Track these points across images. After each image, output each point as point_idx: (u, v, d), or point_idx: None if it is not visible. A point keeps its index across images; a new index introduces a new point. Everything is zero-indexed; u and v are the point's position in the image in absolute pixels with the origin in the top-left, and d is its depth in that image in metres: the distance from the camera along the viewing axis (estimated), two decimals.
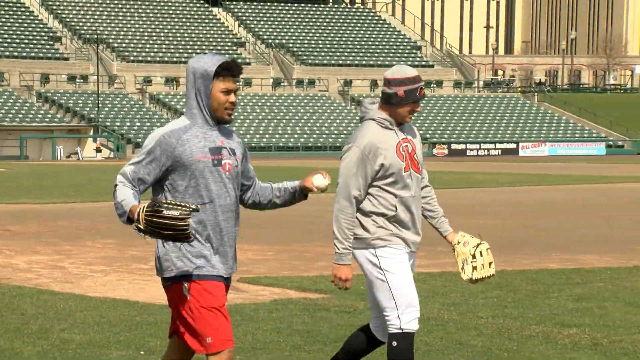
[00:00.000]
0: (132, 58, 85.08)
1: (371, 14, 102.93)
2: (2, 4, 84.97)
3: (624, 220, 19.89)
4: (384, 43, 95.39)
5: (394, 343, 5.51)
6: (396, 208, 5.46)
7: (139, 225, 4.57)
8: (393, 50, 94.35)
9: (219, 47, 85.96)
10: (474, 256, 5.73)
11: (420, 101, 5.57)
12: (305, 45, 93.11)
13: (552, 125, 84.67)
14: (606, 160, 64.99)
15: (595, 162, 59.26)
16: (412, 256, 5.60)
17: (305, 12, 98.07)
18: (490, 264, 5.75)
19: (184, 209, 4.54)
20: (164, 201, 4.60)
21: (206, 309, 4.74)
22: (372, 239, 5.48)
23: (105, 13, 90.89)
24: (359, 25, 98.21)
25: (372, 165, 5.43)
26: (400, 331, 5.49)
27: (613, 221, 19.83)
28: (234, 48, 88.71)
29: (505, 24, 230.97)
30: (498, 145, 79.35)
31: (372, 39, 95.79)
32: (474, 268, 5.72)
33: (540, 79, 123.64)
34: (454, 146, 78.24)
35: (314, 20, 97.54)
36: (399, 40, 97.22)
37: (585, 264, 12.90)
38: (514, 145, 79.21)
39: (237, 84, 4.95)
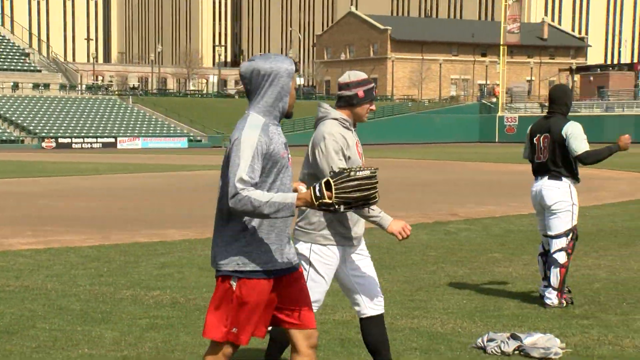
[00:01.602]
0: None
1: None
2: None
3: (202, 201, 20.40)
4: None
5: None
6: None
7: (325, 201, 3.91)
8: (3, 57, 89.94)
9: None
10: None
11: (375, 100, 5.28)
12: None
13: (145, 122, 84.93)
14: (188, 152, 66.25)
15: (180, 154, 60.28)
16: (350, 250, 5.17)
17: None
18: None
19: (370, 168, 3.99)
20: (345, 168, 3.99)
21: (247, 304, 4.19)
22: (316, 235, 5.05)
23: None
24: None
25: (344, 154, 5.04)
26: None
27: (193, 202, 20.26)
28: None
29: (103, 37, 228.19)
30: (99, 140, 78.13)
31: None
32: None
33: (134, 84, 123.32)
34: (60, 140, 76.04)
35: None
36: (9, 47, 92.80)
37: (169, 237, 13.07)
38: (112, 140, 78.46)
39: None
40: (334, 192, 3.91)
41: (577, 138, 7.73)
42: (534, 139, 7.96)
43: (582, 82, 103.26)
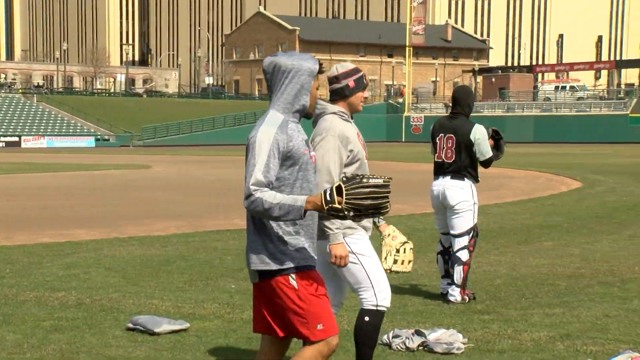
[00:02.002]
0: None
1: None
2: None
3: (110, 200, 20.08)
4: None
5: (367, 318, 5.14)
6: None
7: (335, 206, 3.82)
8: None
9: None
10: (397, 251, 5.47)
11: (367, 88, 5.23)
12: None
13: (50, 121, 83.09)
14: (96, 151, 65.10)
15: (87, 153, 59.17)
16: None
17: None
18: (410, 262, 5.52)
19: (383, 177, 3.90)
20: (358, 174, 3.91)
21: (315, 296, 4.09)
22: (343, 229, 4.93)
23: None
24: None
25: (344, 152, 4.96)
26: (375, 308, 5.13)
27: (102, 201, 19.92)
28: None
29: (5, 34, 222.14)
30: (2, 139, 76.17)
31: None
32: (395, 261, 5.47)
33: (38, 82, 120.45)
34: None
35: None
36: None
37: (75, 238, 12.81)
38: (17, 139, 76.54)
39: None
40: (344, 197, 3.85)
41: (484, 142, 7.92)
42: (437, 138, 8.09)
43: (484, 83, 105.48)
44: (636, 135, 74.07)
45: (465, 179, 7.95)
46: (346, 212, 3.85)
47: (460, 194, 7.93)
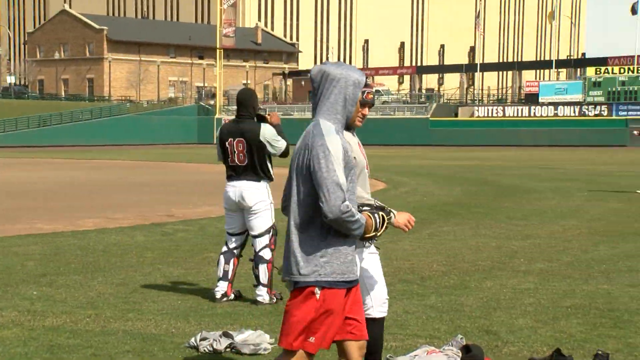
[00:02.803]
0: None
1: None
2: None
3: None
4: None
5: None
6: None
7: (372, 235, 4.20)
8: None
9: None
10: None
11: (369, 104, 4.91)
12: None
13: None
14: None
15: None
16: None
17: None
18: None
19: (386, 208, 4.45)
20: (385, 206, 4.42)
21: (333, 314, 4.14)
22: None
23: None
24: None
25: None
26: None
27: None
28: None
29: None
30: None
31: None
32: None
33: None
34: None
35: None
36: None
37: None
38: None
39: None
40: (383, 228, 4.27)
41: (274, 138, 8.06)
42: (226, 143, 8.16)
43: (295, 86, 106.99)
44: (436, 138, 77.46)
45: (261, 180, 8.09)
46: (369, 242, 4.27)
47: (257, 194, 8.06)
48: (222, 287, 8.20)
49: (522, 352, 6.28)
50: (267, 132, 8.03)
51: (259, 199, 8.07)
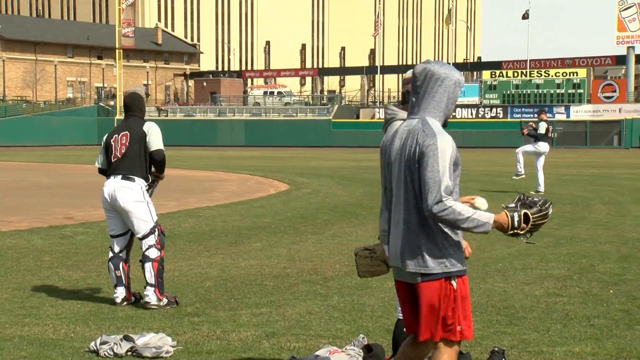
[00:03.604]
0: None
1: None
2: None
3: None
4: None
5: None
6: None
7: (517, 232, 4.21)
8: None
9: None
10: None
11: None
12: None
13: None
14: None
15: None
16: None
17: None
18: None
19: (549, 201, 4.37)
20: (537, 199, 4.33)
21: (465, 299, 4.30)
22: None
23: None
24: None
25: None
26: None
27: None
28: None
29: None
30: None
31: None
32: None
33: None
34: None
35: None
36: None
37: None
38: None
39: None
40: (530, 225, 4.23)
41: (156, 135, 8.08)
42: (111, 140, 8.16)
43: (196, 87, 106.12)
44: (338, 139, 77.95)
45: (136, 179, 8.02)
46: (523, 238, 4.27)
47: (131, 194, 7.97)
48: (120, 293, 8.08)
49: None
50: (151, 127, 8.06)
51: (134, 199, 7.98)
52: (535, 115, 23.49)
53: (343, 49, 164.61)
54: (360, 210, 17.54)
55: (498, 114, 75.87)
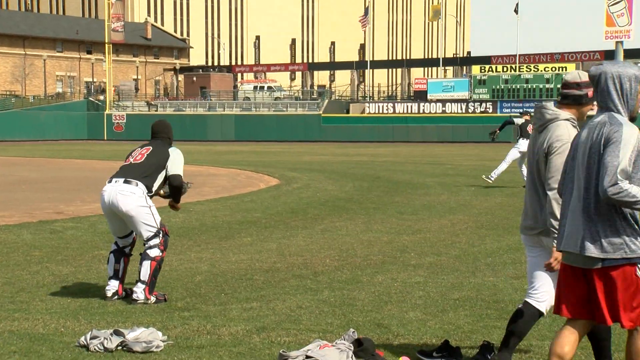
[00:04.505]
0: None
1: None
2: None
3: None
4: None
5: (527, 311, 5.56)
6: None
7: None
8: None
9: None
10: None
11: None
12: None
13: None
14: None
15: None
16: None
17: None
18: None
19: None
20: None
21: None
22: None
23: None
24: None
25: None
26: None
27: None
28: None
29: None
30: None
31: None
32: None
33: None
34: None
35: None
36: None
37: None
38: None
39: None
40: None
41: (178, 163, 8.22)
42: (132, 152, 8.36)
43: (186, 82, 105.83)
44: (328, 134, 77.97)
45: (138, 183, 7.98)
46: None
47: (133, 199, 7.91)
48: (113, 286, 8.07)
49: (412, 344, 6.40)
50: (176, 152, 8.17)
51: (137, 203, 7.91)
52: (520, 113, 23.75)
53: (333, 43, 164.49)
54: (351, 205, 17.55)
55: (487, 109, 75.94)
